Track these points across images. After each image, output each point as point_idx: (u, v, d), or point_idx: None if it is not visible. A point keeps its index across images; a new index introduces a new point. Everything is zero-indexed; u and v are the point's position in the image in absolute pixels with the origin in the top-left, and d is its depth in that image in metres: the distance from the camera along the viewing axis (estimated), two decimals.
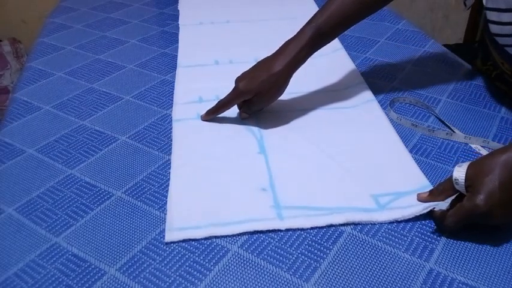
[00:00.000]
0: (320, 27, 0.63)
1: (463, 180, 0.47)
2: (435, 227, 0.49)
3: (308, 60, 0.67)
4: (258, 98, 0.64)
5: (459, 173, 0.47)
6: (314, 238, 0.49)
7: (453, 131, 0.64)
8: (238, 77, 0.65)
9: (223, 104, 0.66)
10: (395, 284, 0.44)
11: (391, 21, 1.01)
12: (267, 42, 0.69)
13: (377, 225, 0.50)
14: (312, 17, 0.65)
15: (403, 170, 0.57)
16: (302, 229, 0.50)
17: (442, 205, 0.49)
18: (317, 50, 0.66)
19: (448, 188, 0.49)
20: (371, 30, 0.98)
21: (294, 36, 0.65)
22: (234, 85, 0.65)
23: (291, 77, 0.65)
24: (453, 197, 0.49)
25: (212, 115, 0.67)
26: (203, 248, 0.48)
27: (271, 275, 0.45)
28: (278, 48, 0.65)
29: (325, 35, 0.64)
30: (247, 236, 0.49)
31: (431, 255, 0.46)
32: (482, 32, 0.76)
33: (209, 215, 0.51)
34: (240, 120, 0.68)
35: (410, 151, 0.61)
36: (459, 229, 0.47)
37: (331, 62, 0.84)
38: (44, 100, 0.75)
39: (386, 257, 0.46)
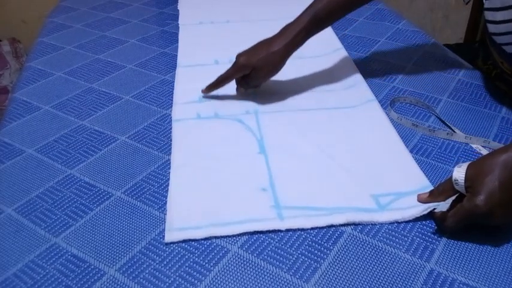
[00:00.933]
0: (317, 13, 0.68)
1: (463, 181, 0.46)
2: (436, 227, 0.49)
3: (309, 60, 0.68)
4: (256, 73, 0.68)
5: (459, 173, 0.47)
6: (314, 238, 0.49)
7: (454, 131, 0.64)
8: (239, 53, 0.70)
9: (224, 78, 0.70)
10: (396, 284, 0.43)
11: (391, 21, 1.01)
12: None
13: (377, 226, 0.50)
14: (311, 3, 0.69)
15: (403, 170, 0.57)
16: (302, 229, 0.49)
17: (443, 206, 0.49)
18: (314, 34, 0.70)
19: (448, 189, 0.48)
20: (371, 30, 0.98)
21: (293, 20, 0.70)
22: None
23: (287, 57, 0.69)
24: (453, 197, 0.49)
25: (213, 89, 0.72)
26: (203, 248, 0.48)
27: (271, 276, 0.45)
28: (278, 31, 0.70)
29: (322, 21, 0.69)
30: (247, 237, 0.49)
31: (432, 255, 0.46)
32: (482, 31, 0.76)
33: (209, 215, 0.51)
34: (240, 119, 0.68)
35: (411, 151, 0.61)
36: (460, 229, 0.47)
37: (331, 62, 0.84)
38: (43, 100, 0.75)
39: (386, 257, 0.46)
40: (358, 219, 0.50)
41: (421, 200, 0.50)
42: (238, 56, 0.69)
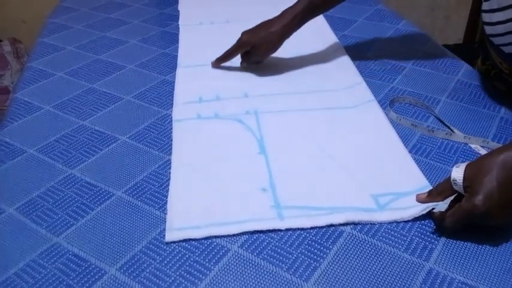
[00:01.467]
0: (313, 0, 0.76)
1: (461, 181, 0.47)
2: (435, 227, 0.49)
3: (309, 59, 0.68)
4: (255, 50, 0.77)
5: (457, 173, 0.47)
6: (314, 238, 0.49)
7: (453, 131, 0.65)
8: (244, 31, 0.78)
9: (229, 53, 0.79)
10: (395, 283, 0.44)
11: (391, 22, 1.01)
12: None
13: (377, 225, 0.50)
14: None
15: (402, 170, 0.57)
16: (302, 229, 0.50)
17: (442, 206, 0.49)
18: (310, 18, 0.78)
19: (447, 189, 0.49)
20: (371, 30, 0.98)
21: (292, 5, 0.77)
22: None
23: (285, 37, 0.77)
24: (452, 197, 0.49)
25: (221, 62, 0.81)
26: (203, 247, 0.48)
27: (271, 275, 0.45)
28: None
29: (317, 7, 0.78)
30: (247, 236, 0.49)
31: (431, 255, 0.47)
32: (481, 32, 0.77)
33: (209, 215, 0.51)
34: (240, 119, 0.68)
35: (410, 151, 0.61)
36: (458, 229, 0.47)
37: (331, 62, 0.84)
38: (44, 100, 0.75)
39: (386, 256, 0.46)
40: (357, 218, 0.50)
41: (420, 200, 0.51)
42: (242, 33, 0.77)
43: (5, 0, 1.95)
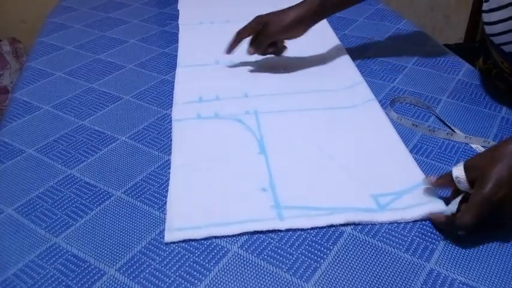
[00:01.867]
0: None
1: (464, 177, 0.46)
2: (435, 228, 0.49)
3: (309, 59, 0.67)
4: (267, 27, 0.75)
5: (458, 170, 0.47)
6: (314, 238, 0.49)
7: (454, 131, 0.64)
8: (258, 15, 0.77)
9: (239, 33, 0.77)
10: (396, 284, 0.43)
11: (391, 21, 1.01)
12: None
13: (377, 226, 0.50)
14: None
15: (403, 170, 0.57)
16: (302, 229, 0.49)
17: (452, 207, 0.48)
18: (324, 18, 0.78)
19: (450, 180, 0.48)
20: (371, 30, 0.98)
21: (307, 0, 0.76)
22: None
23: (299, 23, 0.75)
24: (459, 198, 0.48)
25: (233, 47, 0.78)
26: (203, 248, 0.48)
27: (271, 276, 0.45)
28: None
29: (330, 7, 0.77)
30: (247, 236, 0.49)
31: (432, 255, 0.46)
32: (482, 31, 0.77)
33: (209, 215, 0.51)
34: (240, 119, 0.68)
35: (411, 151, 0.61)
36: (475, 227, 0.45)
37: (331, 62, 0.84)
38: (43, 100, 0.75)
39: (386, 257, 0.46)
40: (358, 219, 0.50)
41: (430, 183, 0.50)
42: (256, 16, 0.77)
43: (5, 0, 1.94)
